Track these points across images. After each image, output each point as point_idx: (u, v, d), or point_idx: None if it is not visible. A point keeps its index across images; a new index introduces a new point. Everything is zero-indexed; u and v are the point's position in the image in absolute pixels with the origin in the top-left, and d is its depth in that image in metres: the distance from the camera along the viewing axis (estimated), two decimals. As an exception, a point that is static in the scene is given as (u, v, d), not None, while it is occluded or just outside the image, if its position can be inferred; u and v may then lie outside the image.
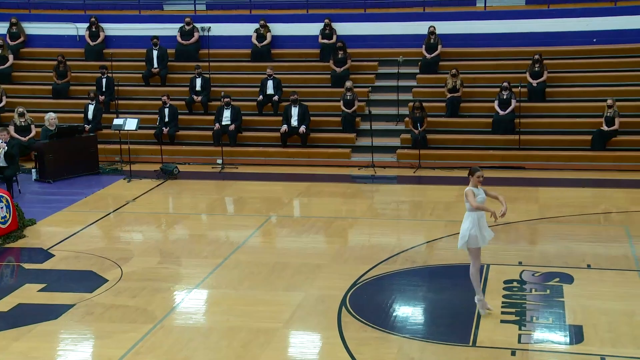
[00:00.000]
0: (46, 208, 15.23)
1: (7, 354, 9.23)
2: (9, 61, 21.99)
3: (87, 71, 21.84)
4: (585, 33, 20.64)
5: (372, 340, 9.42)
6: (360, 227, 14.16)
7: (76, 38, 22.81)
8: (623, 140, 18.20)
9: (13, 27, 22.71)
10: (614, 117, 18.03)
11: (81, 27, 22.72)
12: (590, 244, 12.86)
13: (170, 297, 10.94)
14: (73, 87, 21.51)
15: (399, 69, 20.07)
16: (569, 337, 9.42)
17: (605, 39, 20.54)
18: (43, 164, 17.52)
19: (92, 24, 22.48)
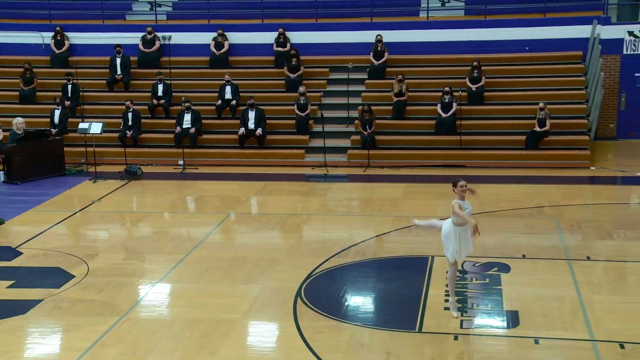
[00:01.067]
0: (14, 208, 14.98)
1: (-23, 348, 9.07)
2: (-23, 68, 21.60)
3: (53, 78, 21.51)
4: (519, 42, 20.92)
5: (325, 328, 9.44)
6: (314, 223, 14.18)
7: (42, 46, 22.47)
8: (554, 140, 18.47)
9: (-19, 36, 22.31)
10: (545, 119, 18.30)
11: (47, 35, 22.38)
12: (525, 235, 13.03)
13: (135, 291, 10.83)
14: (39, 93, 21.17)
15: (348, 74, 20.13)
16: (506, 322, 9.54)
17: (536, 47, 20.84)
18: (11, 166, 17.23)
19: (58, 33, 22.16)
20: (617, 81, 20.55)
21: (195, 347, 8.99)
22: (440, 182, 16.75)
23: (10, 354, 8.93)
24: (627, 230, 13.28)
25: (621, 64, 20.48)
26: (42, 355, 9.00)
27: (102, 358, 8.78)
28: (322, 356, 8.69)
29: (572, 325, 9.37)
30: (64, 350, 9.10)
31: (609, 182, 16.89)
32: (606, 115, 20.54)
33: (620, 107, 20.69)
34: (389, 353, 8.74)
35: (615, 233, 13.19)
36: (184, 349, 8.97)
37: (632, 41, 20.36)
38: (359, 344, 9.01)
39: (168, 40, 21.67)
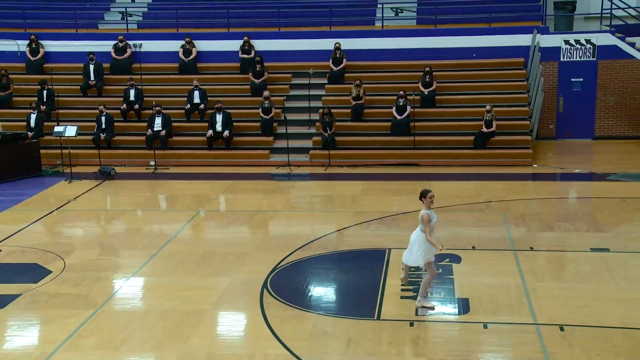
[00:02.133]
0: (-7, 208, 14.73)
1: (-42, 341, 8.86)
2: (-45, 75, 21.12)
3: (28, 84, 21.14)
4: (467, 49, 21.12)
5: (290, 317, 9.42)
6: (279, 219, 14.14)
7: (17, 54, 22.07)
8: (499, 140, 18.68)
9: (-42, 44, 21.82)
10: (491, 120, 18.50)
11: (22, 43, 21.99)
12: (475, 228, 13.15)
13: (110, 285, 10.69)
14: (16, 98, 20.79)
15: (309, 80, 20.12)
16: (458, 309, 9.62)
17: (482, 54, 21.06)
18: (-11, 168, 16.92)
19: (32, 41, 21.78)
20: (555, 86, 20.87)
21: (167, 336, 8.91)
22: (395, 180, 16.86)
23: (-10, 346, 8.76)
24: (567, 223, 13.49)
25: (559, 70, 20.80)
26: (20, 346, 8.84)
27: (79, 349, 8.65)
28: (287, 344, 8.67)
29: (517, 311, 9.49)
30: (42, 342, 8.94)
31: (550, 179, 17.13)
32: (546, 117, 20.86)
33: (558, 110, 21.02)
34: (349, 339, 8.75)
35: (555, 225, 13.38)
36: (156, 338, 8.88)
37: (568, 49, 20.69)
38: (322, 332, 9.01)
39: (139, 47, 21.44)
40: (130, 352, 8.58)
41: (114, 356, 8.48)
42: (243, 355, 8.41)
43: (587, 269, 10.99)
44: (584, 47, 20.58)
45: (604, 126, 20.89)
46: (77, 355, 8.49)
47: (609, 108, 20.82)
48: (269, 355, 8.40)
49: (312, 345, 8.67)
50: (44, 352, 8.54)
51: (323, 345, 8.67)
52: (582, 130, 20.90)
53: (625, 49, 20.33)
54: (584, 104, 20.82)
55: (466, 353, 8.38)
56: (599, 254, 11.57)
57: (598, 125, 20.88)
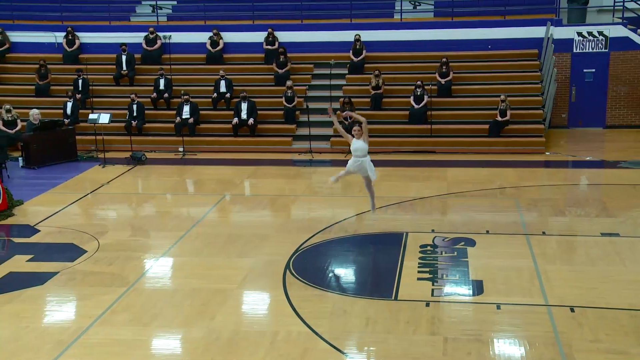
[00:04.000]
0: (32, 190, 14.83)
1: (0, 314, 8.99)
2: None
3: (65, 73, 21.24)
4: (482, 41, 20.91)
5: (312, 297, 9.45)
6: (301, 203, 14.15)
7: (55, 45, 22.19)
8: (513, 128, 18.52)
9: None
10: (506, 110, 18.35)
11: (59, 35, 22.10)
12: (489, 213, 13.08)
13: (141, 264, 10.77)
14: (53, 87, 20.92)
15: (331, 70, 20.04)
16: (472, 290, 9.59)
17: (497, 45, 20.84)
18: (28, 153, 17.05)
19: (69, 33, 21.88)
20: (568, 76, 20.61)
21: (195, 313, 8.97)
22: (412, 166, 16.79)
23: (31, 319, 8.87)
24: (578, 208, 13.38)
25: (571, 61, 20.53)
26: (59, 320, 8.96)
27: (112, 323, 8.75)
28: (308, 322, 8.70)
29: (529, 292, 9.44)
30: (79, 317, 9.06)
31: (562, 166, 16.97)
32: (559, 107, 20.61)
33: (571, 99, 20.78)
34: (368, 318, 8.77)
35: (567, 210, 13.28)
36: (185, 315, 8.95)
37: (580, 41, 20.41)
38: (342, 311, 9.02)
39: (168, 39, 21.46)
40: (160, 328, 8.66)
41: (145, 331, 8.56)
42: (267, 333, 8.45)
43: (597, 252, 10.90)
44: (596, 39, 20.29)
45: (615, 115, 20.62)
46: (111, 329, 8.59)
47: (620, 98, 20.53)
48: (291, 333, 8.43)
49: (332, 323, 8.69)
50: (80, 327, 8.65)
51: (343, 324, 8.69)
52: (593, 119, 20.65)
53: (636, 41, 20.02)
54: (596, 94, 20.55)
55: (480, 332, 8.37)
56: (609, 238, 11.47)
57: (609, 114, 20.61)
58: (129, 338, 8.38)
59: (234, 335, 8.40)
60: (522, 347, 8.03)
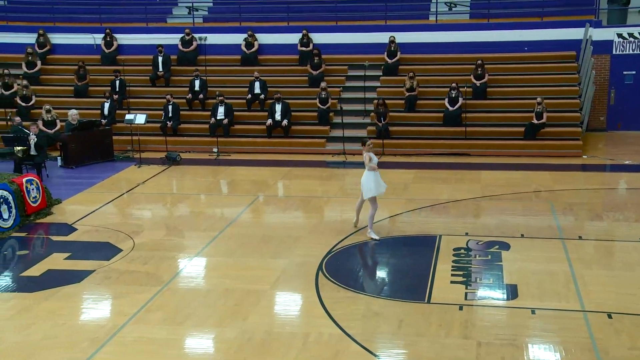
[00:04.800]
0: (70, 190, 15.07)
1: (38, 311, 9.16)
2: (37, 66, 21.70)
3: (103, 74, 21.57)
4: (519, 43, 20.71)
5: (344, 299, 9.44)
6: (334, 205, 14.15)
7: (93, 46, 22.54)
8: (549, 131, 18.29)
9: (40, 38, 22.38)
10: (542, 112, 18.12)
11: (98, 37, 22.45)
12: (523, 217, 12.93)
13: (175, 264, 10.88)
14: (91, 88, 21.24)
15: (365, 72, 20.02)
16: (506, 294, 9.49)
17: (534, 47, 20.62)
18: (67, 153, 17.34)
19: (107, 35, 22.21)
20: (607, 78, 20.28)
21: (228, 313, 9.03)
22: (446, 169, 16.68)
23: (67, 317, 9.02)
24: (616, 213, 13.14)
25: (611, 63, 20.22)
26: (95, 318, 9.09)
27: (147, 322, 8.85)
28: (340, 323, 8.69)
29: (565, 297, 9.31)
30: (114, 315, 9.18)
31: (599, 170, 16.70)
32: (597, 109, 20.31)
33: (609, 102, 20.43)
34: (400, 321, 8.73)
35: (604, 215, 13.06)
36: (218, 315, 9.01)
37: (620, 42, 20.06)
38: (374, 313, 9.00)
39: (204, 40, 21.65)
40: (193, 327, 8.73)
41: (178, 330, 8.64)
42: (298, 334, 8.46)
43: (635, 258, 10.70)
44: (637, 41, 19.92)
45: (655, 118, 20.27)
46: (145, 328, 8.68)
47: (661, 101, 20.16)
48: (323, 334, 8.43)
49: (365, 325, 8.67)
50: (116, 325, 8.76)
51: (375, 326, 8.67)
52: (633, 123, 20.29)
53: (678, 42, 19.65)
54: (636, 97, 20.18)
55: (514, 337, 8.27)
56: (648, 244, 11.25)
57: (649, 117, 20.27)
58: (162, 337, 8.46)
59: (267, 336, 8.43)
60: (557, 353, 7.91)
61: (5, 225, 12.25)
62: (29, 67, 21.56)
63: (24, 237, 12.25)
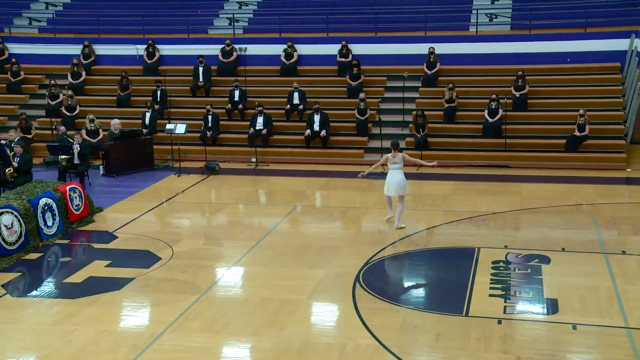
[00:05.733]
0: (111, 198, 15.32)
1: (80, 317, 9.32)
2: (82, 77, 22.15)
3: (144, 84, 21.92)
4: (561, 54, 20.47)
5: (381, 310, 9.40)
6: (371, 216, 14.12)
7: (136, 57, 22.91)
8: (592, 144, 18.01)
9: (86, 49, 22.86)
10: (584, 124, 17.86)
11: (140, 48, 22.83)
12: (564, 230, 12.74)
13: (213, 273, 10.97)
14: (133, 98, 21.59)
15: (404, 83, 19.98)
16: (546, 309, 9.35)
17: (577, 58, 20.35)
18: (109, 162, 17.64)
19: (149, 46, 22.59)
20: (652, 90, 19.89)
21: (265, 323, 9.06)
22: (485, 181, 16.53)
23: (107, 323, 9.15)
24: (660, 228, 12.86)
25: (656, 74, 19.81)
26: (134, 325, 9.21)
27: (185, 330, 8.92)
28: (377, 335, 8.65)
29: (607, 313, 9.13)
30: (153, 322, 9.29)
31: (643, 183, 16.38)
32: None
33: (655, 114, 20.01)
34: (438, 334, 8.66)
35: (649, 230, 12.79)
36: (255, 324, 9.05)
37: (667, 53, 19.67)
38: (412, 325, 8.95)
39: (244, 51, 21.84)
40: (230, 336, 8.78)
41: (216, 339, 8.70)
42: (335, 345, 8.45)
43: (680, 274, 10.45)
44: (682, 52, 19.51)
45: (702, 132, 19.79)
46: (183, 336, 8.76)
47: None
48: (360, 345, 8.41)
49: (402, 337, 8.62)
50: (154, 332, 8.86)
51: (412, 338, 8.61)
52: (679, 136, 19.85)
53: None
54: (681, 109, 19.74)
55: (554, 352, 8.14)
56: (694, 260, 10.98)
57: (696, 130, 19.80)
58: (200, 345, 8.53)
59: (303, 346, 8.44)
60: (598, 370, 7.76)
61: (49, 232, 12.51)
62: (74, 78, 22.03)
63: (66, 244, 12.49)
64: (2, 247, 11.33)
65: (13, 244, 11.57)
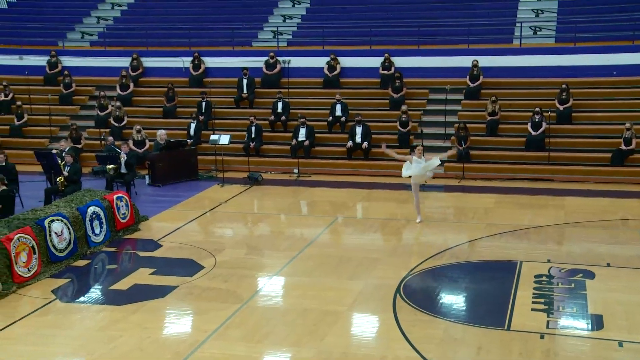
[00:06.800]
0: (156, 207, 15.51)
1: (125, 323, 9.45)
2: (130, 88, 22.57)
3: (190, 96, 22.21)
4: (607, 67, 20.11)
5: (421, 322, 9.33)
6: (412, 228, 14.03)
7: (182, 69, 23.26)
8: (639, 157, 17.61)
9: (134, 61, 23.30)
10: (631, 138, 17.50)
11: (186, 60, 23.16)
12: (609, 245, 12.47)
13: (255, 282, 11.02)
14: (179, 109, 21.90)
15: (446, 95, 19.87)
16: (591, 325, 9.15)
17: (624, 72, 19.97)
18: (154, 171, 17.89)
19: (195, 58, 22.91)
20: (702, 103, 19.39)
21: (306, 333, 9.06)
22: (528, 194, 16.30)
23: (152, 330, 9.26)
24: None
25: None
26: (177, 333, 9.31)
27: (227, 339, 8.97)
28: (417, 347, 8.58)
29: (654, 331, 8.90)
30: (195, 330, 9.36)
31: (692, 198, 15.93)
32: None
33: None
34: (479, 348, 8.54)
35: (697, 246, 12.43)
36: (296, 334, 9.05)
37: None
38: (452, 338, 8.85)
39: (287, 63, 22.03)
40: (271, 346, 8.81)
41: (257, 348, 8.73)
42: (375, 356, 8.41)
43: None
44: None
45: None
46: (225, 344, 8.81)
47: None
48: (399, 357, 8.35)
49: (442, 350, 8.53)
50: (197, 340, 8.93)
51: (453, 351, 8.52)
52: None
53: None
54: None
55: (598, 370, 7.96)
56: None
57: None
58: (241, 354, 8.56)
59: (343, 356, 8.41)
60: (644, 389, 7.56)
61: (97, 240, 12.74)
62: (122, 89, 22.47)
63: (113, 252, 12.70)
64: (52, 253, 11.59)
65: (63, 250, 11.82)
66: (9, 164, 15.53)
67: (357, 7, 24.89)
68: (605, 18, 21.89)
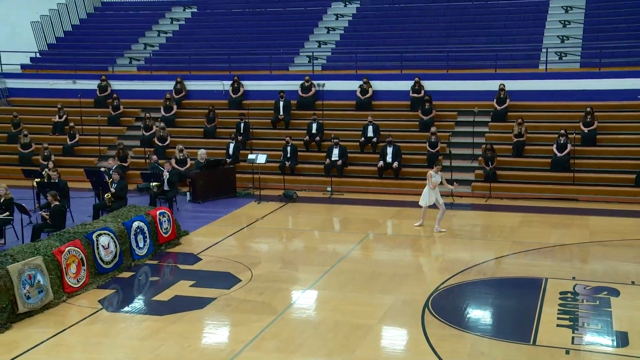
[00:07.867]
0: (196, 222, 15.63)
1: (166, 333, 9.53)
2: (174, 110, 22.87)
3: (229, 117, 22.37)
4: (631, 91, 19.78)
5: (449, 337, 9.23)
6: (441, 245, 13.93)
7: (222, 92, 23.50)
8: (663, 178, 17.28)
9: (178, 85, 23.62)
10: (655, 160, 17.17)
11: (226, 83, 23.40)
12: (634, 264, 12.21)
13: (289, 296, 11.03)
14: (219, 130, 22.09)
15: (474, 118, 19.75)
16: (616, 341, 8.96)
17: (648, 96, 19.68)
18: (195, 189, 18.06)
19: (235, 81, 23.15)
20: None
21: (338, 346, 9.03)
22: (553, 213, 16.07)
23: (192, 340, 9.32)
24: None
25: None
26: (215, 343, 9.35)
27: (262, 349, 8.99)
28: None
29: (678, 349, 8.67)
30: (232, 341, 9.40)
31: None
32: None
33: None
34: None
35: None
36: (328, 347, 9.03)
37: None
38: (479, 352, 8.74)
39: (322, 87, 22.11)
40: (304, 357, 8.79)
41: (291, 359, 8.72)
42: (404, 368, 8.34)
43: None
44: None
45: None
46: (260, 354, 8.83)
47: None
48: (428, 370, 8.27)
49: (469, 364, 8.43)
50: (233, 350, 8.97)
51: (479, 366, 8.41)
52: None
53: None
54: None
55: (623, 386, 7.78)
56: None
57: None
58: (276, 363, 8.57)
59: (373, 368, 8.37)
60: (669, 406, 7.35)
61: (141, 253, 12.89)
62: (166, 111, 22.78)
63: (155, 265, 12.83)
64: (99, 265, 11.76)
65: (109, 263, 11.99)
66: (61, 181, 15.87)
67: (389, 34, 24.97)
68: (629, 44, 21.60)
